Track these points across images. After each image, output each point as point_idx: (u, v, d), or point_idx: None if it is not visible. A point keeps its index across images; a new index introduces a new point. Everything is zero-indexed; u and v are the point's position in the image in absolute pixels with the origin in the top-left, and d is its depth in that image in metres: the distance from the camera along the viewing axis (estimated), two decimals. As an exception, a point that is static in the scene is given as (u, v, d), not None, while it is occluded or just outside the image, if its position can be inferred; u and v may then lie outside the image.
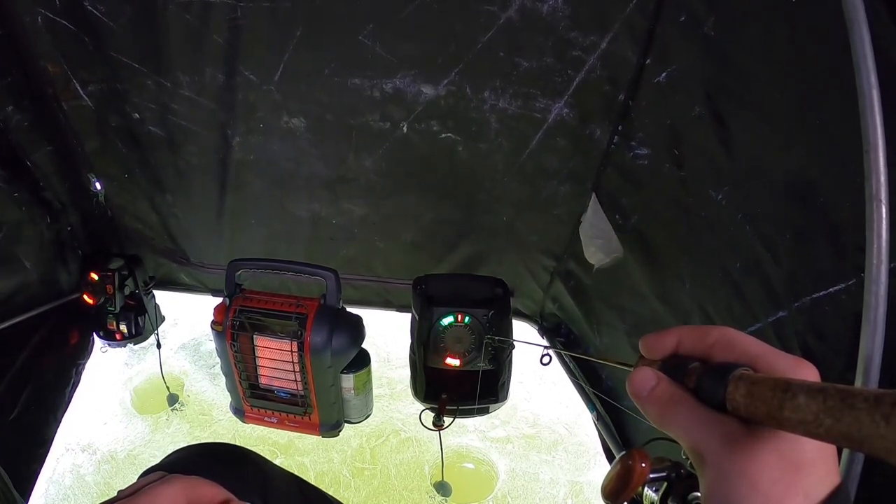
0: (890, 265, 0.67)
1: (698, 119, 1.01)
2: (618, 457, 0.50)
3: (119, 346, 2.03)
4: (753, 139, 0.93)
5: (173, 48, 1.30)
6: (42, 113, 1.49)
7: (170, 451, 1.01)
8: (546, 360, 1.14)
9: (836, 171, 0.75)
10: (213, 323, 1.47)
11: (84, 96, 1.45)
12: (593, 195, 1.38)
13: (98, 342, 2.04)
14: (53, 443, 1.80)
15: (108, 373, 2.26)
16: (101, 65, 1.36)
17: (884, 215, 0.62)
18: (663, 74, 1.07)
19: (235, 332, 1.45)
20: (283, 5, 1.18)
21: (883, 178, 0.62)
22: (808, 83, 0.79)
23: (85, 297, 1.89)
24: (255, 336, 1.45)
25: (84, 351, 2.01)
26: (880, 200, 0.62)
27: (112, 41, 1.31)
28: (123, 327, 1.98)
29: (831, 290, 0.78)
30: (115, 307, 1.92)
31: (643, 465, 0.48)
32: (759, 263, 0.92)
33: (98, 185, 1.69)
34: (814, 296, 0.81)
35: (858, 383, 0.65)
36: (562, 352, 1.71)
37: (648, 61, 1.10)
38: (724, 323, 1.01)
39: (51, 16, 1.29)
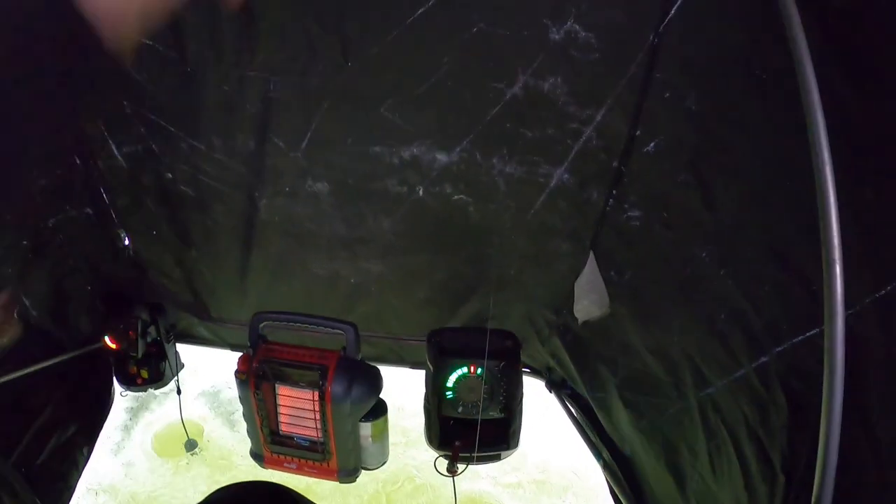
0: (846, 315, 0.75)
1: (684, 184, 1.12)
2: None
3: (140, 390, 2.09)
4: (734, 202, 1.03)
5: (209, 114, 1.42)
6: (75, 173, 1.59)
7: (191, 492, 1.07)
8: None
9: (806, 229, 0.81)
10: (238, 372, 1.55)
11: (118, 156, 1.55)
12: (591, 253, 1.47)
13: (118, 386, 2.10)
14: (77, 488, 1.85)
15: (129, 417, 2.32)
16: (137, 126, 1.46)
17: (838, 274, 0.70)
18: (652, 144, 1.18)
19: (259, 381, 1.52)
20: (312, 81, 1.30)
21: (836, 242, 0.69)
22: (779, 151, 0.89)
23: (108, 342, 1.95)
24: (277, 385, 1.52)
25: (108, 400, 2.07)
26: (835, 261, 0.70)
27: (150, 105, 1.42)
28: (145, 372, 2.04)
29: (808, 334, 0.86)
30: (137, 353, 1.99)
31: None
32: (742, 314, 1.01)
33: (127, 241, 1.78)
34: (793, 341, 0.89)
35: (823, 425, 0.71)
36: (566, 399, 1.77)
37: (639, 132, 1.20)
38: (711, 370, 1.11)
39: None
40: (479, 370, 1.48)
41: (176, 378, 2.11)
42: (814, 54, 0.72)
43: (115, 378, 2.07)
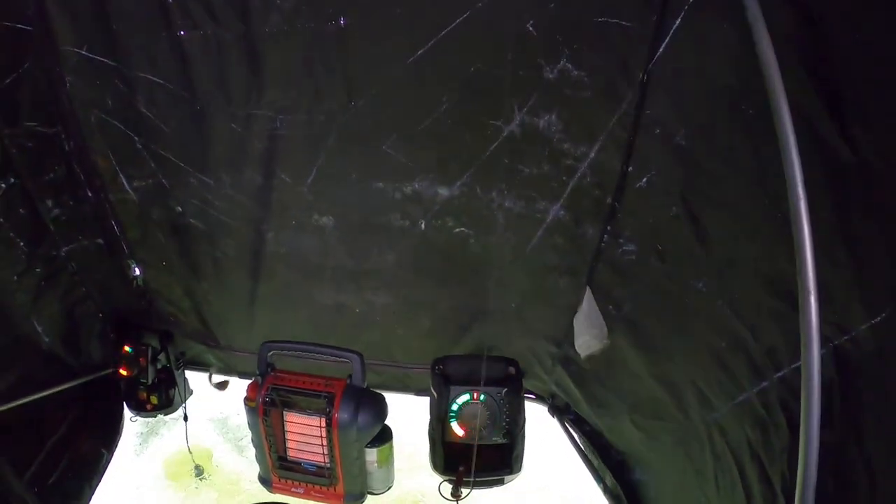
0: (829, 345, 0.79)
1: (676, 218, 1.16)
2: None
3: (149, 416, 2.12)
4: (725, 233, 1.07)
5: (217, 151, 1.47)
6: (87, 204, 1.64)
7: None
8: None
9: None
10: (247, 399, 1.58)
11: (129, 190, 1.61)
12: (587, 288, 1.51)
13: (128, 411, 2.13)
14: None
15: (140, 442, 2.35)
16: (148, 162, 1.52)
17: (813, 304, 0.72)
18: (644, 179, 1.23)
19: (267, 408, 1.56)
20: (317, 119, 1.36)
21: (811, 274, 0.72)
22: (766, 182, 0.93)
23: (119, 369, 1.99)
24: (285, 412, 1.56)
25: (118, 425, 2.11)
26: (809, 291, 0.73)
27: (161, 141, 1.48)
28: (154, 398, 2.06)
29: None
30: (147, 379, 2.02)
31: None
32: (742, 341, 1.04)
33: (137, 271, 1.83)
34: (792, 366, 0.92)
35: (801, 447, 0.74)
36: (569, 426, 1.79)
37: (631, 168, 1.26)
38: (715, 395, 1.14)
39: (104, 116, 1.46)
40: (481, 397, 1.51)
41: (184, 405, 2.14)
42: (793, 86, 0.76)
43: (125, 404, 2.11)
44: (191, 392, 2.24)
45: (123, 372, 2.00)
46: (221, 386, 2.17)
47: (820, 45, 0.81)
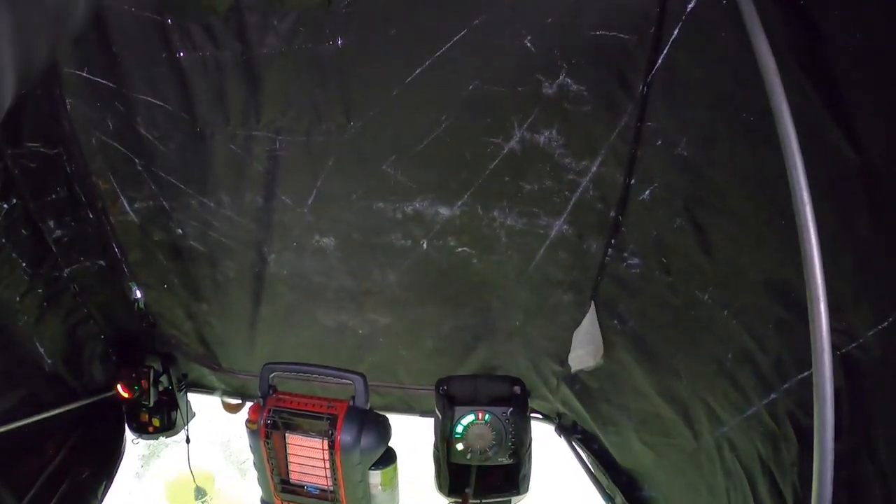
0: (836, 352, 0.77)
1: (680, 229, 1.15)
2: None
3: (151, 438, 2.11)
4: (730, 243, 1.06)
5: (217, 172, 1.47)
6: (89, 226, 1.64)
7: None
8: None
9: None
10: (248, 421, 1.56)
11: (130, 212, 1.61)
12: (592, 304, 1.49)
13: (130, 434, 2.11)
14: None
15: (141, 464, 2.33)
16: (149, 184, 1.52)
17: (822, 311, 0.70)
18: (647, 192, 1.22)
19: (269, 430, 1.53)
20: (316, 140, 1.35)
21: (820, 281, 0.70)
22: (770, 190, 0.91)
23: (120, 391, 1.98)
24: (287, 434, 1.54)
25: (120, 447, 2.09)
26: (818, 299, 0.70)
27: (161, 163, 1.48)
28: (156, 421, 2.05)
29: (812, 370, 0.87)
30: (149, 402, 2.01)
31: None
32: (749, 352, 1.02)
33: (138, 294, 1.82)
34: (799, 377, 0.90)
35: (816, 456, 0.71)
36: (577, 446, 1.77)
37: (633, 181, 1.24)
38: (723, 409, 1.12)
39: (104, 138, 1.46)
40: (486, 417, 1.49)
41: (186, 427, 2.13)
42: (794, 90, 0.75)
43: (127, 426, 2.09)
44: (193, 414, 2.22)
45: (125, 394, 1.99)
46: (232, 408, 2.15)
47: (820, 48, 0.80)
